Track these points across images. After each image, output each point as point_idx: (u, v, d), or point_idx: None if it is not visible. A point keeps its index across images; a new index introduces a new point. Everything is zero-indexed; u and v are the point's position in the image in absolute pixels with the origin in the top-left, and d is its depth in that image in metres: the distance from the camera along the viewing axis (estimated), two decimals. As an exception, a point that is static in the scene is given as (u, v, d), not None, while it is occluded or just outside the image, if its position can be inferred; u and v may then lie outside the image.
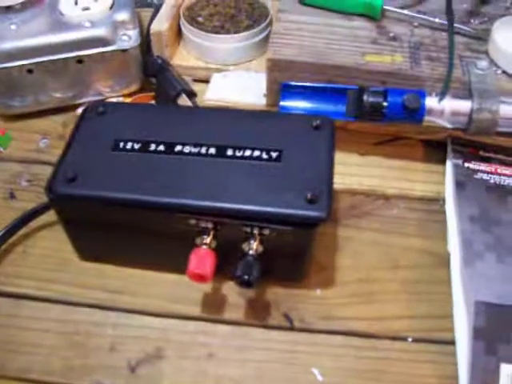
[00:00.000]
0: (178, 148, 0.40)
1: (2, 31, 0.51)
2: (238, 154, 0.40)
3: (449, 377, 0.39)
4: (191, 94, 0.53)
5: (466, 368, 0.38)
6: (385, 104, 0.46)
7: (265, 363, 0.40)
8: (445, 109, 0.46)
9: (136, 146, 0.40)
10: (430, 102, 0.46)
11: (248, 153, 0.40)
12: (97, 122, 0.43)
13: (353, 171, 0.51)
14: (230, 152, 0.40)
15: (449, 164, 0.50)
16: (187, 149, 0.40)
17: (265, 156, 0.40)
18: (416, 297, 0.43)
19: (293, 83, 0.48)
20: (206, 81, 0.56)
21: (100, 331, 0.42)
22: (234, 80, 0.55)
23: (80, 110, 0.55)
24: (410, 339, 0.41)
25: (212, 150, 0.40)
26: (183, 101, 0.52)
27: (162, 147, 0.40)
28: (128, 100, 0.55)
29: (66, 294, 0.43)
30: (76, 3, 0.54)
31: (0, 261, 0.45)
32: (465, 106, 0.46)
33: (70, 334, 0.41)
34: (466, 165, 0.49)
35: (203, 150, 0.40)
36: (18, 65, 0.51)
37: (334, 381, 0.39)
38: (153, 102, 0.55)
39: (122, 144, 0.41)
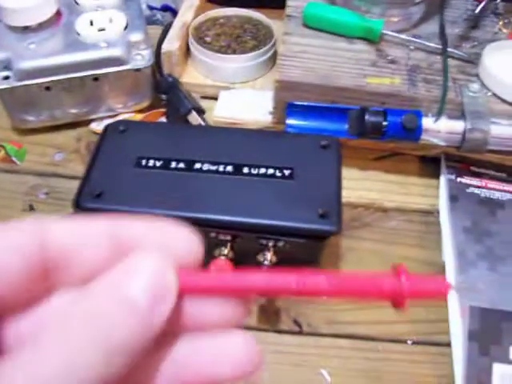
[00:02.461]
0: (197, 166, 0.43)
1: (21, 50, 0.53)
2: (254, 171, 0.43)
3: (445, 376, 0.43)
4: (200, 111, 0.56)
5: (461, 367, 0.42)
6: (385, 123, 0.49)
7: (277, 365, 0.43)
8: (440, 128, 0.49)
9: (157, 164, 0.43)
10: (426, 122, 0.50)
11: (262, 170, 0.43)
12: (119, 139, 0.45)
13: (353, 185, 0.54)
14: (245, 170, 0.43)
15: (442, 178, 0.54)
16: (206, 166, 0.43)
17: (278, 174, 0.43)
18: (414, 303, 0.46)
19: (298, 103, 0.52)
20: (214, 98, 0.59)
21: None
22: (240, 97, 0.57)
23: (93, 125, 0.58)
24: (409, 342, 0.45)
25: (229, 168, 0.43)
26: (192, 117, 0.55)
27: (182, 165, 0.43)
28: (140, 116, 0.58)
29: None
30: (92, 24, 0.55)
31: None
32: (458, 126, 0.49)
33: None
34: (459, 179, 0.52)
35: (221, 168, 0.43)
36: (37, 83, 0.53)
37: (340, 380, 0.42)
38: (164, 118, 0.58)
39: (144, 161, 0.43)
